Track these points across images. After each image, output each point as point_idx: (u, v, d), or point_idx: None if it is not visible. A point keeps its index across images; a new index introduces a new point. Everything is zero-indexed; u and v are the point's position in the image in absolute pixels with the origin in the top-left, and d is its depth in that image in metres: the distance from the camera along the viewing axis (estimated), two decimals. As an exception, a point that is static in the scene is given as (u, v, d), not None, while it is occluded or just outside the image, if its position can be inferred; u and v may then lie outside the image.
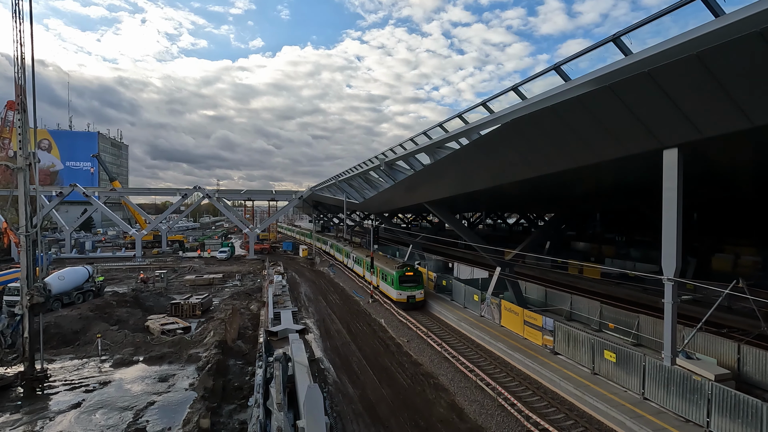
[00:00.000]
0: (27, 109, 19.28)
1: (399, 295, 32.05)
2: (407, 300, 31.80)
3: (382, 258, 41.66)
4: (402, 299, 31.91)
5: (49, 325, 25.75)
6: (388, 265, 36.22)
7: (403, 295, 31.90)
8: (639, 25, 10.79)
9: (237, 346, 24.86)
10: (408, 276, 32.57)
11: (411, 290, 32.06)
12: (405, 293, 31.94)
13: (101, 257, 68.78)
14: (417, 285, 32.41)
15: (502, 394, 17.52)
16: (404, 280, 32.31)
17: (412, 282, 32.40)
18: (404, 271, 32.76)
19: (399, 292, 32.09)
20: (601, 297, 28.79)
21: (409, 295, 31.91)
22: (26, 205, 19.56)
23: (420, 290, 32.29)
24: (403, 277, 32.37)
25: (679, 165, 12.25)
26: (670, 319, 13.53)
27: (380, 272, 36.80)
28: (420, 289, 32.35)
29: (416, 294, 32.07)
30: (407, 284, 32.23)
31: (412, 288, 32.12)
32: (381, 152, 32.16)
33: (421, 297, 32.23)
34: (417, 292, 32.13)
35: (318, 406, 12.75)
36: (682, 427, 14.25)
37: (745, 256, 35.74)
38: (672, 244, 12.92)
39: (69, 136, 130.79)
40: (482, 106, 17.42)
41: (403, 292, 32.00)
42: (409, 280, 32.46)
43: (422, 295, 32.37)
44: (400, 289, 32.05)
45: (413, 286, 32.26)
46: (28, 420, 16.48)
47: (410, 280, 32.45)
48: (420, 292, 32.26)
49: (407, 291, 32.01)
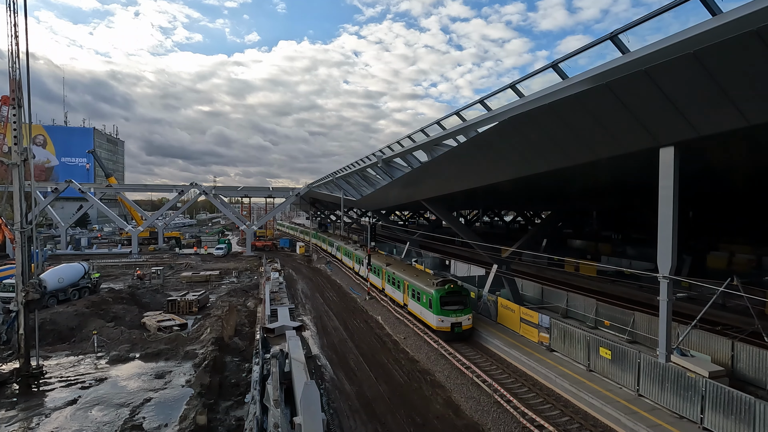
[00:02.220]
0: (22, 104, 19.12)
1: (440, 323, 24.06)
2: (452, 329, 23.80)
3: (410, 269, 33.50)
4: (444, 327, 23.95)
5: (45, 321, 25.63)
6: (421, 279, 28.24)
7: (445, 322, 23.92)
8: (638, 23, 10.81)
9: (234, 342, 24.86)
10: (451, 296, 24.75)
11: (456, 315, 24.01)
12: (448, 319, 23.92)
13: (97, 254, 68.42)
14: (464, 308, 24.58)
15: (498, 391, 17.60)
16: (447, 302, 24.45)
17: (457, 304, 24.58)
18: (446, 289, 24.85)
19: (440, 319, 24.11)
20: (597, 294, 28.96)
21: (455, 322, 23.89)
22: (21, 202, 19.43)
23: (468, 315, 24.37)
24: (446, 298, 24.51)
25: (675, 163, 12.31)
26: (665, 317, 13.63)
27: (409, 288, 29.01)
28: (468, 313, 24.44)
29: (463, 320, 24.11)
30: (451, 307, 24.35)
31: (457, 312, 24.13)
32: (378, 149, 32.11)
33: (469, 324, 24.38)
34: (464, 318, 24.15)
35: (315, 403, 12.77)
36: (676, 423, 14.37)
37: (740, 254, 35.97)
38: (668, 242, 12.99)
39: (64, 132, 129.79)
40: (480, 103, 17.44)
41: (445, 318, 23.99)
42: (454, 300, 24.61)
43: (470, 321, 24.48)
44: (442, 314, 24.09)
45: (459, 309, 24.34)
46: (24, 417, 16.42)
47: (455, 301, 24.61)
48: (468, 317, 24.33)
49: (451, 316, 23.96)
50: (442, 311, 24.20)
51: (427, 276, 29.71)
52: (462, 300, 24.92)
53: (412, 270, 33.05)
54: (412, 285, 28.28)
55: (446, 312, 24.17)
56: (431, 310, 24.83)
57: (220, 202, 79.97)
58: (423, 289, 26.37)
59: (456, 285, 25.59)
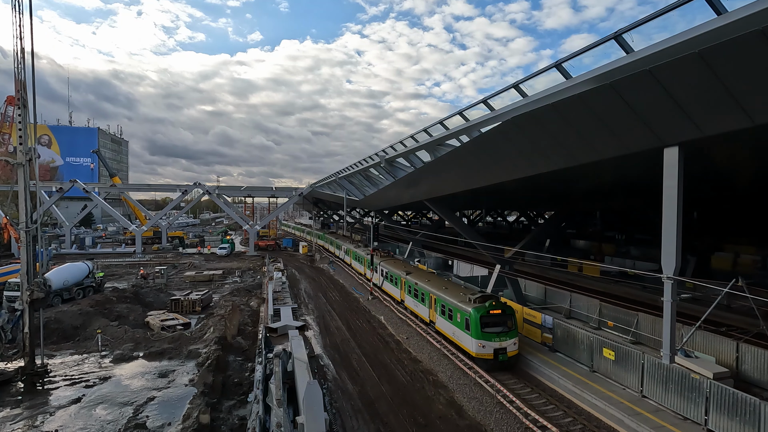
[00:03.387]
0: (27, 104, 19.24)
1: (481, 348, 19.90)
2: (495, 356, 19.77)
3: (436, 279, 29.38)
4: (486, 354, 19.87)
5: (50, 320, 25.81)
6: (453, 292, 24.00)
7: (487, 348, 19.86)
8: (643, 22, 10.74)
9: (237, 342, 24.93)
10: (494, 315, 20.48)
11: (500, 339, 19.97)
12: (491, 345, 19.83)
13: (101, 253, 68.82)
14: (509, 330, 20.35)
15: (501, 391, 17.57)
16: (488, 322, 20.27)
17: (500, 325, 20.36)
18: (487, 307, 20.65)
19: (480, 344, 19.92)
20: (601, 295, 28.84)
21: (498, 348, 19.79)
22: (26, 201, 19.55)
23: (514, 338, 20.32)
24: (487, 318, 20.31)
25: (679, 163, 12.22)
26: (669, 318, 13.54)
27: (437, 303, 24.85)
28: (514, 336, 20.34)
29: (508, 345, 20.02)
30: (494, 329, 20.18)
31: (501, 336, 20.04)
32: (381, 149, 32.07)
33: (514, 350, 20.29)
34: (509, 343, 20.08)
35: (317, 403, 12.79)
36: (680, 424, 14.31)
37: (745, 254, 35.75)
38: (672, 242, 12.91)
39: (69, 132, 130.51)
40: (483, 103, 17.39)
41: (487, 344, 19.85)
42: (497, 321, 20.41)
43: (516, 345, 20.40)
44: (483, 339, 19.94)
45: (503, 332, 20.17)
46: (29, 415, 16.54)
47: (498, 322, 20.40)
48: (514, 341, 20.27)
49: (494, 341, 19.90)
50: (483, 334, 20.01)
51: (460, 289, 25.60)
52: (507, 320, 20.60)
53: (439, 280, 28.75)
54: (442, 300, 24.08)
55: (488, 335, 19.99)
56: (468, 333, 20.66)
57: (224, 201, 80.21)
58: (457, 306, 22.13)
59: (498, 302, 21.44)
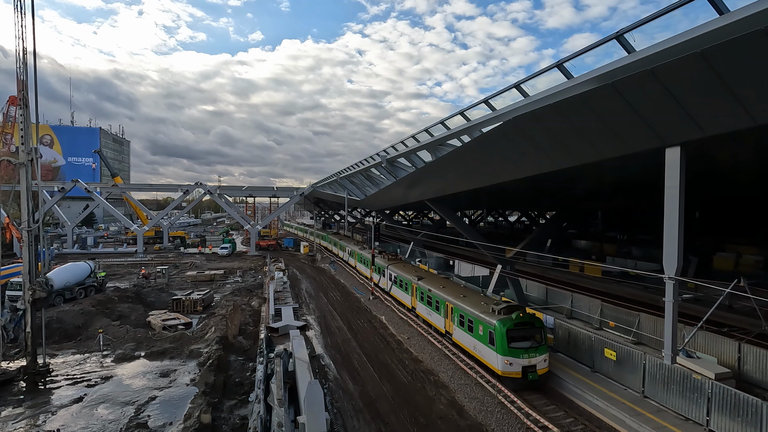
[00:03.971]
0: (29, 104, 19.29)
1: (507, 366, 17.85)
2: (523, 375, 17.73)
3: (452, 285, 26.54)
4: (513, 373, 17.78)
5: (51, 320, 25.87)
6: (473, 301, 21.84)
7: (515, 365, 17.76)
8: (645, 21, 10.72)
9: (238, 342, 24.95)
10: (522, 328, 18.51)
11: (529, 355, 17.92)
12: (519, 362, 17.78)
13: (103, 253, 68.95)
14: (539, 345, 18.31)
15: (502, 392, 17.56)
16: (516, 336, 18.29)
17: (529, 339, 18.41)
18: (514, 319, 18.58)
19: (507, 361, 17.89)
20: (602, 295, 28.83)
21: (527, 366, 17.77)
22: (28, 201, 19.60)
23: (544, 354, 18.20)
24: (514, 331, 18.32)
25: (681, 163, 12.20)
26: (670, 318, 13.52)
27: (454, 313, 22.57)
28: (544, 352, 18.22)
29: (538, 362, 17.94)
30: (521, 344, 18.17)
31: (530, 352, 17.99)
32: (382, 149, 32.08)
33: (545, 367, 18.16)
34: (539, 359, 18.01)
35: (318, 402, 12.81)
36: (682, 425, 14.28)
37: (747, 255, 35.69)
38: (673, 242, 12.89)
39: (71, 132, 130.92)
40: (484, 103, 17.39)
41: (515, 361, 17.80)
42: (525, 335, 18.44)
43: (546, 362, 18.27)
44: (510, 355, 17.90)
45: (532, 347, 18.14)
46: (31, 414, 16.59)
47: (526, 336, 18.44)
48: (544, 357, 18.16)
49: (523, 357, 17.85)
50: (510, 350, 17.94)
51: (480, 297, 23.31)
52: (536, 333, 18.59)
53: (455, 287, 26.31)
54: (461, 309, 21.93)
55: (516, 351, 17.91)
56: (493, 348, 18.58)
57: (225, 201, 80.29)
58: (478, 318, 20.05)
59: (526, 313, 19.23)
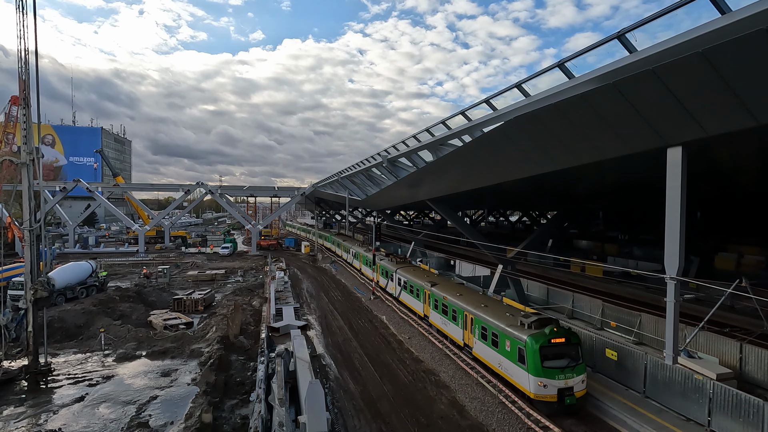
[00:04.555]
0: (31, 104, 19.32)
1: (541, 389, 15.62)
2: (559, 398, 15.56)
3: (470, 293, 23.87)
4: (548, 396, 15.62)
5: (53, 319, 25.92)
6: (497, 313, 19.39)
7: (550, 387, 15.54)
8: (648, 21, 10.71)
9: (239, 341, 24.97)
10: (557, 345, 16.17)
11: (566, 376, 15.68)
12: (554, 384, 15.54)
13: (104, 252, 69.06)
14: (576, 364, 16.02)
15: (503, 392, 17.54)
16: (550, 354, 15.96)
17: (565, 357, 16.09)
18: (548, 334, 16.24)
19: (541, 383, 15.62)
20: (603, 295, 28.78)
21: (564, 388, 15.55)
22: (30, 200, 19.64)
23: (582, 374, 15.97)
24: (548, 348, 15.99)
25: (683, 163, 12.20)
26: (672, 318, 13.51)
27: (475, 324, 20.11)
28: (581, 372, 15.98)
29: (575, 383, 15.74)
30: (556, 362, 15.88)
31: (567, 372, 15.73)
32: (384, 149, 32.10)
33: (582, 389, 15.95)
34: (577, 380, 15.79)
35: (319, 402, 12.81)
36: (683, 425, 14.25)
37: (749, 255, 35.58)
38: (675, 242, 12.88)
39: (72, 132, 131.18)
40: (485, 103, 17.39)
41: (549, 382, 15.55)
42: (560, 353, 16.12)
43: (585, 384, 16.06)
44: (544, 376, 15.62)
45: (569, 366, 15.86)
46: (33, 413, 16.63)
47: (562, 354, 16.11)
48: (582, 379, 15.93)
49: (558, 378, 15.62)
50: (545, 370, 15.64)
51: (503, 307, 20.60)
52: (572, 351, 16.24)
53: (475, 295, 23.39)
54: (483, 321, 19.48)
55: (551, 372, 15.61)
56: (523, 367, 16.26)
57: (226, 201, 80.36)
58: (505, 332, 17.65)
59: (560, 327, 16.80)
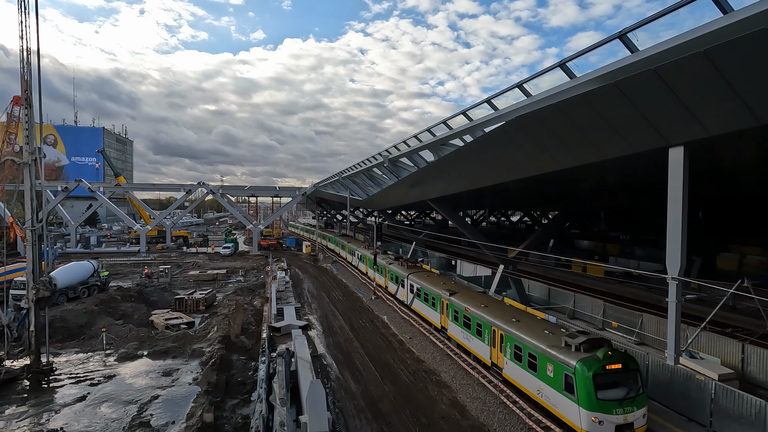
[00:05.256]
0: (33, 104, 19.37)
1: (595, 424, 13.11)
2: None
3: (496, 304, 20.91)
4: None
5: (55, 319, 26.00)
6: (533, 329, 16.69)
7: (606, 424, 13.03)
8: (650, 20, 10.69)
9: (240, 341, 25.00)
10: (613, 372, 13.59)
11: (624, 410, 13.18)
12: (611, 419, 13.06)
13: (106, 252, 69.19)
14: (636, 395, 13.45)
15: (504, 392, 17.52)
16: (605, 383, 13.40)
17: (622, 385, 13.58)
18: (601, 359, 13.62)
19: (595, 418, 13.10)
20: (605, 295, 28.72)
21: (622, 425, 13.07)
22: (32, 200, 19.69)
23: (643, 408, 13.46)
24: (603, 377, 13.40)
25: (684, 163, 12.17)
26: (673, 319, 13.48)
27: (507, 341, 17.42)
28: (642, 405, 13.46)
29: (635, 418, 13.24)
30: (613, 393, 13.34)
31: (626, 404, 13.24)
32: (385, 149, 32.10)
33: (643, 425, 13.48)
34: (638, 414, 13.29)
35: (320, 402, 12.82)
36: (685, 426, 14.21)
37: (751, 255, 35.47)
38: (677, 242, 12.85)
39: (74, 132, 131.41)
40: (487, 103, 17.37)
41: (605, 417, 13.06)
42: (617, 381, 13.60)
43: (646, 418, 13.59)
44: (599, 410, 13.12)
45: (628, 398, 13.33)
46: (34, 412, 16.67)
47: (618, 382, 13.60)
48: (643, 412, 13.43)
49: (616, 413, 13.12)
50: (600, 403, 13.12)
51: (540, 323, 17.66)
52: (631, 378, 13.66)
53: (502, 307, 20.38)
54: (516, 339, 16.81)
55: (606, 405, 13.10)
56: (572, 399, 13.68)
57: (227, 201, 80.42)
58: (547, 354, 14.95)
59: (615, 351, 14.13)
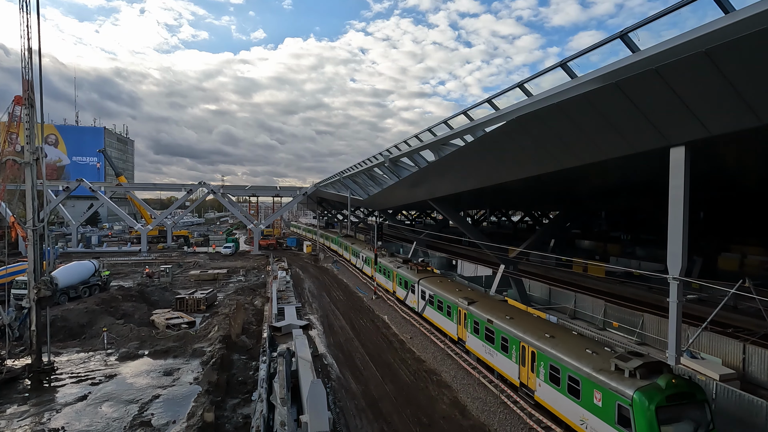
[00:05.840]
0: (34, 104, 19.40)
1: None
2: None
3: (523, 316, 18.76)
4: None
5: (56, 318, 26.05)
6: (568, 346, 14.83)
7: None
8: (652, 19, 10.66)
9: (241, 341, 25.02)
10: (679, 404, 11.47)
11: None
12: None
13: (107, 252, 69.30)
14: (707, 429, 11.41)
15: (505, 392, 17.52)
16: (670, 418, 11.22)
17: (689, 419, 11.49)
18: (665, 389, 11.42)
19: None
20: (606, 295, 28.67)
21: None
22: (33, 200, 19.72)
23: None
24: (668, 409, 11.23)
25: (685, 163, 12.14)
26: (674, 319, 13.45)
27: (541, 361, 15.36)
28: None
29: None
30: (679, 426, 11.27)
31: None
32: (385, 148, 32.08)
33: None
34: None
35: (321, 402, 12.82)
36: (686, 426, 14.16)
37: (752, 255, 35.41)
38: (678, 242, 12.83)
39: (75, 131, 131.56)
40: (487, 102, 17.34)
41: None
42: (683, 415, 11.48)
43: None
44: None
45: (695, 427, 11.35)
46: (36, 412, 16.70)
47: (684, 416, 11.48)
48: None
49: None
50: None
51: (582, 340, 15.52)
52: (698, 411, 11.65)
53: (531, 320, 18.26)
54: (552, 359, 14.84)
55: None
56: None
57: (228, 201, 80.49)
58: (593, 379, 12.94)
59: (679, 378, 12.07)
